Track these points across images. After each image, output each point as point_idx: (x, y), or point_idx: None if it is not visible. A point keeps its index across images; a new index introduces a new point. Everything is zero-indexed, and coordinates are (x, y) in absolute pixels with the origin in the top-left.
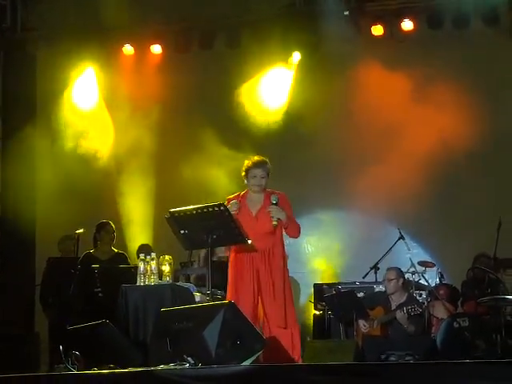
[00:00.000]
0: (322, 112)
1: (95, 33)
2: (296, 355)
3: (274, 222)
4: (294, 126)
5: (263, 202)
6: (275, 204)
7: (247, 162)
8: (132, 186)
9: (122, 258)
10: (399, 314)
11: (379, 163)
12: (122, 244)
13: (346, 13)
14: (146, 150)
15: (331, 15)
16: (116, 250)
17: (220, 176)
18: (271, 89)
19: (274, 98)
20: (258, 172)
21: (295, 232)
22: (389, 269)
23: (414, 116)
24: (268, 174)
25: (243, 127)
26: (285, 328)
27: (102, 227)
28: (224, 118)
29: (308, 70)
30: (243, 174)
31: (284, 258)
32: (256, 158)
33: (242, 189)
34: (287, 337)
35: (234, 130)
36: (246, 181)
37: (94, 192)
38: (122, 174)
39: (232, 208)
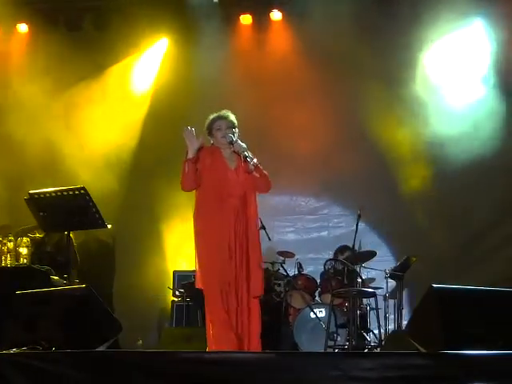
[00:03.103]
0: (188, 99)
1: None
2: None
3: (255, 160)
4: (159, 112)
5: (237, 161)
6: (234, 141)
7: (209, 117)
8: None
9: None
10: None
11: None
12: None
13: (216, 0)
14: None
15: (200, 2)
16: None
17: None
18: (138, 73)
19: (140, 83)
20: (223, 124)
21: (267, 183)
22: None
23: (274, 107)
24: (234, 128)
25: (110, 109)
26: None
27: None
28: (89, 100)
29: (175, 56)
30: (206, 130)
31: (257, 216)
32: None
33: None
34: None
35: (101, 110)
36: (211, 139)
37: None
38: None
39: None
